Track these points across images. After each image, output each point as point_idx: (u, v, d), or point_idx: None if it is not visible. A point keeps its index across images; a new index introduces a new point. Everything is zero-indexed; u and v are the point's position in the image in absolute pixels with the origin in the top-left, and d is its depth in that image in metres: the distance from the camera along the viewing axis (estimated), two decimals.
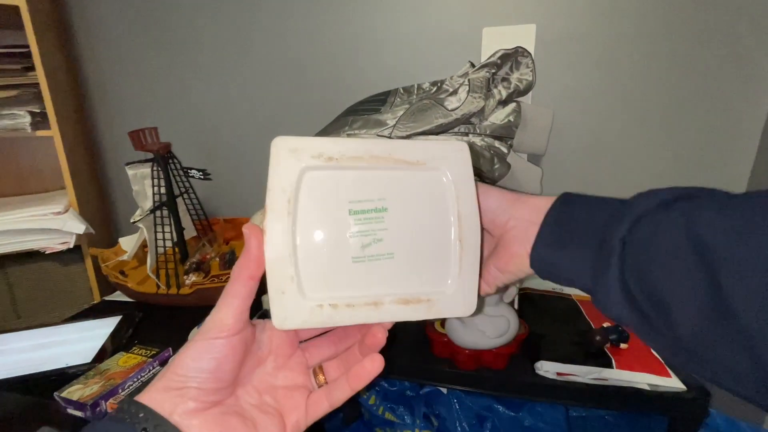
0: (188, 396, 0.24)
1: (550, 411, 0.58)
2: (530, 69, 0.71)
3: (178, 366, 0.25)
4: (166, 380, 0.25)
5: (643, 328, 0.26)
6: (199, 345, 0.25)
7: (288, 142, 0.27)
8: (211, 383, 0.25)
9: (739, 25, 0.69)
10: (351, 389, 0.29)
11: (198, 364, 0.25)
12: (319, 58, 0.89)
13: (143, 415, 0.23)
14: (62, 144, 0.91)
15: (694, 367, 0.24)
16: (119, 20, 0.97)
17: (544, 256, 0.31)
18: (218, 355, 0.25)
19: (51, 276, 0.99)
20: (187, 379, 0.24)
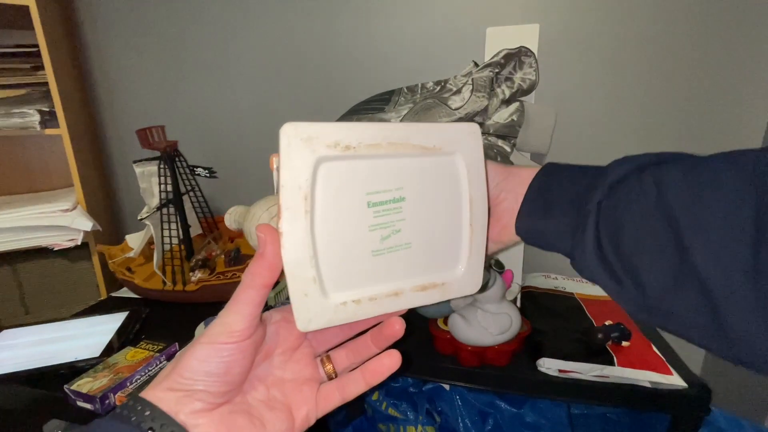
0: (195, 397, 0.23)
1: (552, 408, 0.58)
2: (533, 68, 0.71)
3: (185, 368, 0.23)
4: (171, 381, 0.23)
5: (613, 288, 0.28)
6: (206, 348, 0.24)
7: (300, 129, 0.25)
8: (220, 386, 0.24)
9: (742, 24, 0.69)
10: (366, 384, 0.28)
11: (205, 367, 0.23)
12: (324, 57, 0.89)
13: (149, 413, 0.22)
14: (70, 142, 0.92)
15: (657, 321, 0.26)
16: (127, 20, 0.98)
17: (529, 224, 0.32)
18: (227, 360, 0.24)
19: (59, 272, 1.01)
20: (193, 382, 0.23)
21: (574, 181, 0.31)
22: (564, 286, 0.77)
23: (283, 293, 0.76)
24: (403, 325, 0.28)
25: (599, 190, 0.28)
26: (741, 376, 0.74)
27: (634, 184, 0.26)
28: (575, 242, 0.29)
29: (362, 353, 0.30)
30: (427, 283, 0.29)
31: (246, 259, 0.78)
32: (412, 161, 0.28)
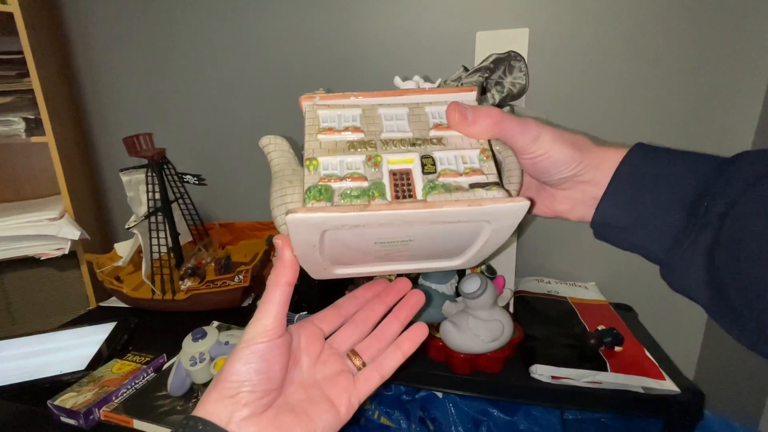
0: (242, 402, 0.25)
1: (545, 414, 0.58)
2: (523, 73, 0.71)
3: (230, 373, 0.26)
4: (218, 390, 0.25)
5: (719, 310, 0.24)
6: (246, 351, 0.26)
7: (306, 219, 0.24)
8: (263, 385, 0.26)
9: (730, 27, 0.70)
10: (403, 355, 0.30)
11: (249, 367, 0.26)
12: (313, 62, 0.89)
13: (202, 428, 0.24)
14: (57, 150, 0.91)
15: (764, 348, 0.23)
16: (114, 26, 0.97)
17: (610, 216, 0.27)
18: (267, 357, 0.26)
19: (46, 282, 0.99)
20: (240, 384, 0.25)
21: (680, 171, 0.25)
22: (557, 290, 0.77)
23: None
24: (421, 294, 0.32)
25: (724, 195, 0.22)
26: (734, 380, 0.74)
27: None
28: (678, 251, 0.24)
29: (387, 335, 0.32)
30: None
31: (236, 267, 0.77)
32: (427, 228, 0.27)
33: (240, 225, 0.97)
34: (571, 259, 0.85)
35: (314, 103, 0.29)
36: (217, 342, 0.55)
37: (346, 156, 0.27)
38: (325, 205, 0.25)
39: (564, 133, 0.29)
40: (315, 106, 0.29)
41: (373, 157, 0.27)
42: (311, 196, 0.25)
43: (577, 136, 0.29)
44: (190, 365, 0.52)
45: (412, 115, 0.29)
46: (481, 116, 0.27)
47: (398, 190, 0.26)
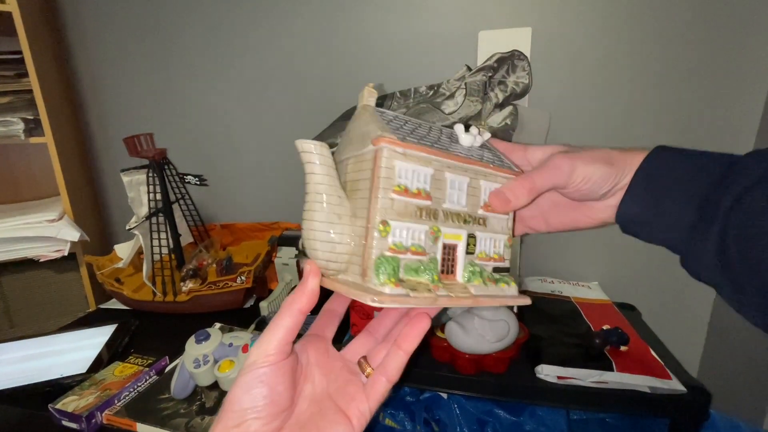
0: (250, 430, 0.24)
1: (551, 415, 0.57)
2: (526, 72, 0.71)
3: (233, 403, 0.25)
4: (224, 421, 0.25)
5: (733, 294, 0.26)
6: (247, 377, 0.26)
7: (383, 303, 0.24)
8: (269, 409, 0.25)
9: (732, 26, 0.70)
10: (404, 352, 0.29)
11: (250, 394, 0.25)
12: (315, 62, 0.89)
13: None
14: (56, 151, 0.90)
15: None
16: (114, 26, 0.97)
17: (633, 213, 0.30)
18: (268, 381, 0.25)
19: (45, 284, 0.98)
20: (244, 412, 0.25)
21: (695, 169, 0.28)
22: (561, 290, 0.77)
23: (275, 303, 0.74)
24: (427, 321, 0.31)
25: (732, 190, 0.25)
26: (738, 379, 0.74)
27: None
28: (692, 242, 0.27)
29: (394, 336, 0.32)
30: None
31: (238, 268, 0.77)
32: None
33: (241, 226, 0.97)
34: (574, 258, 0.85)
35: (394, 149, 0.26)
36: (220, 344, 0.54)
37: (413, 223, 0.27)
38: (398, 291, 0.25)
39: (592, 153, 0.31)
40: (394, 154, 0.26)
41: (435, 231, 0.28)
42: (385, 272, 0.25)
43: (602, 150, 0.32)
44: (194, 367, 0.51)
45: (470, 187, 0.30)
46: (518, 193, 0.30)
47: (444, 265, 0.28)
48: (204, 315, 0.75)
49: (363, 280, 0.25)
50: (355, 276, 0.26)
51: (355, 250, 0.26)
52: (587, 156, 0.31)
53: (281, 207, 0.98)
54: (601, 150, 0.31)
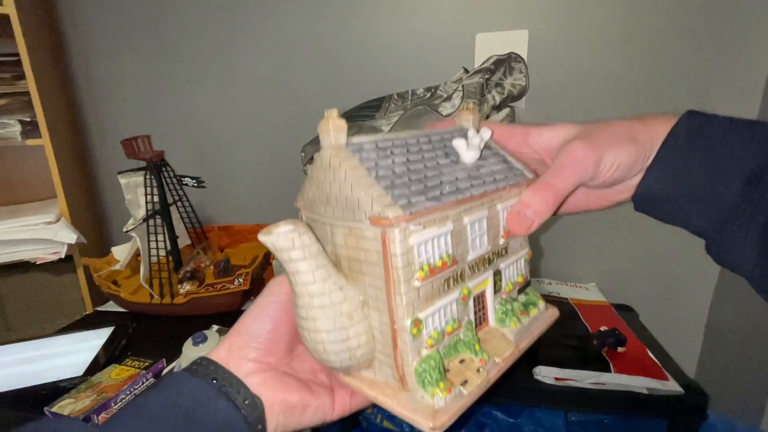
0: (248, 357, 0.27)
1: (548, 416, 0.57)
2: (523, 74, 0.71)
3: (241, 327, 0.28)
4: (229, 341, 0.27)
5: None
6: (258, 309, 0.28)
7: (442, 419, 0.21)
8: (268, 344, 0.27)
9: (727, 26, 0.70)
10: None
11: (258, 323, 0.27)
12: (312, 65, 0.89)
13: (213, 368, 0.26)
14: (53, 153, 0.90)
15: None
16: (111, 28, 0.97)
17: (656, 189, 0.25)
18: (274, 319, 0.27)
19: (42, 287, 0.98)
20: (249, 338, 0.27)
21: (737, 141, 0.24)
22: (558, 291, 0.77)
23: None
24: None
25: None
26: (735, 379, 0.74)
27: None
28: (729, 227, 0.23)
29: None
30: None
31: (236, 270, 0.77)
32: None
33: (239, 228, 0.97)
34: (572, 260, 0.85)
35: (404, 228, 0.20)
36: None
37: (444, 299, 0.22)
38: (451, 396, 0.21)
39: (613, 131, 0.26)
40: (406, 233, 0.20)
41: (465, 294, 0.24)
42: (432, 379, 0.21)
43: (622, 125, 0.26)
44: None
45: (489, 219, 0.25)
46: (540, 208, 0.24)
47: (476, 317, 0.25)
48: (201, 317, 0.75)
49: (403, 388, 0.22)
50: (387, 376, 0.23)
51: (377, 343, 0.23)
52: (609, 138, 0.25)
53: (279, 208, 0.98)
54: (621, 125, 0.26)
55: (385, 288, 0.21)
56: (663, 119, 0.26)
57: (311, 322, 0.22)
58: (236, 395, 0.25)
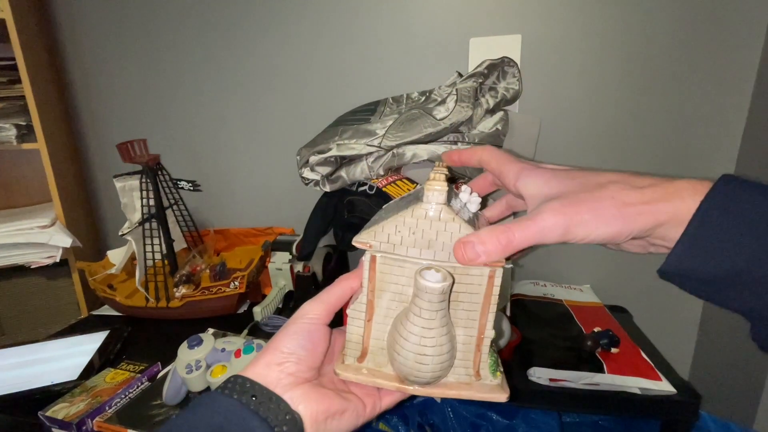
0: (287, 371, 0.27)
1: (543, 417, 0.58)
2: (517, 78, 0.72)
3: (279, 344, 0.29)
4: (268, 357, 0.28)
5: None
6: (295, 327, 0.29)
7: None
8: (308, 361, 0.28)
9: (718, 28, 0.72)
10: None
11: (296, 341, 0.29)
12: (308, 68, 0.89)
13: (250, 386, 0.26)
14: (49, 157, 0.90)
15: None
16: (107, 32, 0.97)
17: (688, 268, 0.22)
18: (312, 338, 0.29)
19: (37, 291, 0.97)
20: (288, 355, 0.28)
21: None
22: (553, 293, 0.78)
23: (269, 308, 0.74)
24: None
25: None
26: (728, 380, 0.74)
27: None
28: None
29: None
30: None
31: (231, 273, 0.77)
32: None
33: (235, 231, 0.97)
34: (566, 262, 0.86)
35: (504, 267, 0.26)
36: (213, 349, 0.54)
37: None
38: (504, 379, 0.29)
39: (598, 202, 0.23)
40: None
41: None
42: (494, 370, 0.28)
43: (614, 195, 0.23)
44: (186, 373, 0.51)
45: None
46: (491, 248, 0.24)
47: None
48: (197, 320, 0.75)
49: (475, 379, 0.28)
50: (460, 376, 0.28)
51: (458, 353, 0.28)
52: (589, 210, 0.23)
53: (275, 212, 0.99)
54: (612, 195, 0.23)
55: (480, 311, 0.27)
56: (687, 189, 0.22)
57: (420, 347, 0.25)
58: (277, 410, 0.26)
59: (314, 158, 0.67)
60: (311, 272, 0.74)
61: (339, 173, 0.67)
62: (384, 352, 0.29)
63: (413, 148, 0.64)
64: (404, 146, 0.64)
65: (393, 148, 0.64)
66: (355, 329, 0.29)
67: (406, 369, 0.26)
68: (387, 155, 0.64)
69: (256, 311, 0.72)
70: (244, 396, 0.26)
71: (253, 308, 0.73)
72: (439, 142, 0.66)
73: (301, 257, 0.77)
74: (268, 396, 0.26)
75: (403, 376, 0.27)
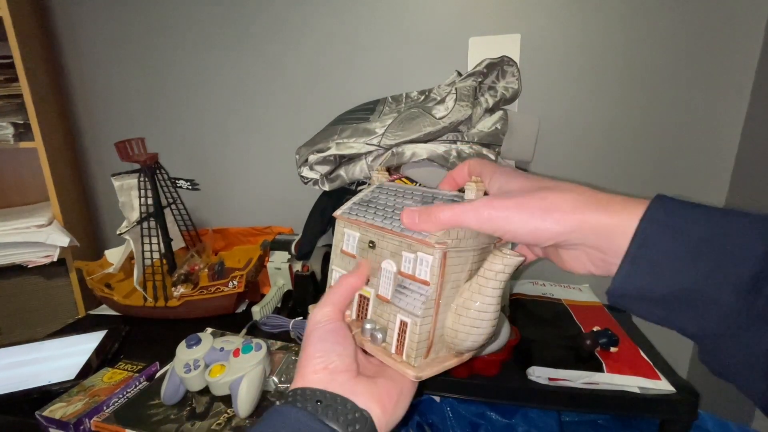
0: (338, 370, 0.28)
1: (542, 417, 0.58)
2: (516, 77, 0.72)
3: (314, 350, 0.28)
4: (308, 367, 0.28)
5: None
6: (319, 331, 0.29)
7: None
8: (347, 357, 0.28)
9: (717, 28, 0.72)
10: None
11: (328, 343, 0.29)
12: (307, 67, 0.89)
13: (310, 393, 0.26)
14: (46, 155, 0.90)
15: None
16: (105, 30, 0.97)
17: (633, 288, 0.22)
18: (338, 335, 0.29)
19: (34, 290, 0.97)
20: (327, 355, 0.28)
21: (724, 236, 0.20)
22: (552, 292, 0.78)
23: (268, 307, 0.74)
24: None
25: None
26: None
27: None
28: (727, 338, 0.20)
29: None
30: None
31: (230, 273, 0.76)
32: None
33: (233, 231, 0.97)
34: None
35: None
36: (211, 348, 0.54)
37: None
38: None
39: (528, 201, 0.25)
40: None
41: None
42: None
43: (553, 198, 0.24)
44: (185, 372, 0.51)
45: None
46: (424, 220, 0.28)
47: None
48: (195, 320, 0.74)
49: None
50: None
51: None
52: (515, 205, 0.25)
53: (273, 211, 0.98)
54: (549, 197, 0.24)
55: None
56: (628, 204, 0.23)
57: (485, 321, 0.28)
58: (345, 410, 0.25)
59: (313, 157, 0.67)
60: (310, 272, 0.74)
61: (338, 172, 0.67)
62: (441, 339, 0.30)
63: (412, 147, 0.64)
64: (403, 145, 0.64)
65: (392, 147, 0.64)
66: (421, 330, 0.28)
67: (469, 342, 0.29)
68: (386, 154, 0.64)
69: (254, 311, 0.72)
70: (309, 404, 0.25)
71: (252, 308, 0.72)
72: (438, 141, 0.66)
73: (300, 256, 0.76)
74: (333, 398, 0.26)
75: (464, 350, 0.30)
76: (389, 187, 0.36)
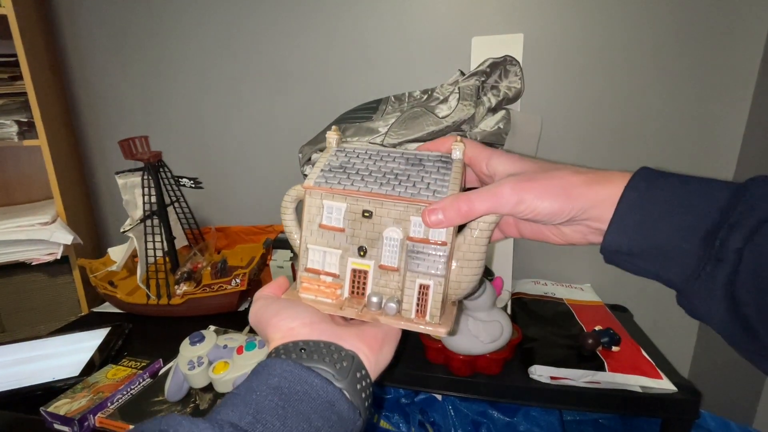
0: (314, 322, 0.28)
1: (544, 415, 0.58)
2: (519, 77, 0.72)
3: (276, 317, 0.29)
4: (282, 328, 0.28)
5: (745, 343, 0.23)
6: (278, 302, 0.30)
7: None
8: (319, 313, 0.29)
9: (721, 31, 0.72)
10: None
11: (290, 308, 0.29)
12: (310, 66, 0.89)
13: (292, 345, 0.26)
14: (50, 153, 0.90)
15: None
16: (108, 29, 0.97)
17: (619, 244, 0.26)
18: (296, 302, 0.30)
19: (37, 288, 0.97)
20: (297, 313, 0.29)
21: (691, 197, 0.24)
22: (554, 291, 0.78)
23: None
24: None
25: (740, 225, 0.22)
26: (728, 378, 0.75)
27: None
28: (695, 281, 0.24)
29: None
30: None
31: (233, 271, 0.77)
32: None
33: (236, 229, 0.97)
34: (567, 261, 0.86)
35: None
36: (215, 346, 0.54)
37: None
38: None
39: (549, 181, 0.27)
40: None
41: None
42: None
43: (562, 177, 0.27)
44: (188, 369, 0.51)
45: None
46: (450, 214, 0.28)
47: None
48: (198, 318, 0.75)
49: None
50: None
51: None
52: (540, 186, 0.27)
53: (276, 210, 0.98)
54: (561, 176, 0.27)
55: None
56: (611, 181, 0.27)
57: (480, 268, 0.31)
58: (332, 352, 0.26)
59: (316, 156, 0.67)
60: None
61: None
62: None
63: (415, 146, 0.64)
64: (406, 144, 0.64)
65: (395, 146, 0.64)
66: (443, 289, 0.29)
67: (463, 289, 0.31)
68: None
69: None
70: (293, 353, 0.26)
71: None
72: None
73: None
74: (316, 344, 0.26)
75: (461, 297, 0.31)
76: (359, 150, 0.34)
